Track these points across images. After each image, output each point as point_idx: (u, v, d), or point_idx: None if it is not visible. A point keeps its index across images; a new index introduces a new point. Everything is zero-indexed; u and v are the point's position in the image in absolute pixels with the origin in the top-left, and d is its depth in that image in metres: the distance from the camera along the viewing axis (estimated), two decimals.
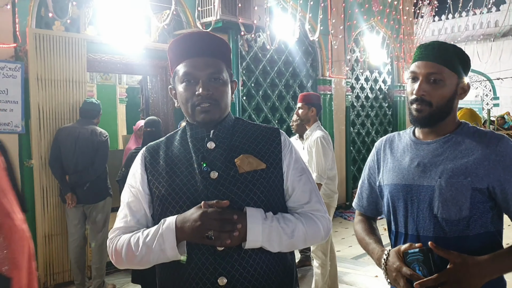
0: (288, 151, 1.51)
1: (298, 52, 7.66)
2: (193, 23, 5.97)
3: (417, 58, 1.58)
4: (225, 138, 1.49)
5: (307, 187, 1.50)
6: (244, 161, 1.44)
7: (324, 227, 1.48)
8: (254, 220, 1.35)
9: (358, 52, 8.97)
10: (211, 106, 1.42)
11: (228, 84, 1.48)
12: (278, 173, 1.47)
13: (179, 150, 1.50)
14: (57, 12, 4.77)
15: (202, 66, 1.42)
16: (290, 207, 1.50)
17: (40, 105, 4.54)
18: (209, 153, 1.45)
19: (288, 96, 7.57)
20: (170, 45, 1.49)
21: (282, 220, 1.40)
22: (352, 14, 8.41)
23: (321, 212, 1.50)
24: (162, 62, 5.89)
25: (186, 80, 1.43)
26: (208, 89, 1.41)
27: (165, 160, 1.49)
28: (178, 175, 1.45)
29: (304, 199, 1.49)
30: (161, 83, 6.04)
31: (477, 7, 14.92)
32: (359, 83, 9.14)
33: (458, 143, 1.56)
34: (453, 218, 1.50)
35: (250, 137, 1.51)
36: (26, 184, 4.57)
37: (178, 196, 1.42)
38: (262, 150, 1.48)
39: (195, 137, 1.49)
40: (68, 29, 4.93)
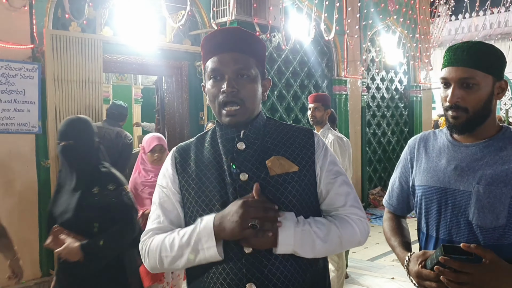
0: (322, 153, 1.44)
1: (313, 52, 7.61)
2: (208, 23, 5.96)
3: (447, 63, 1.50)
4: (256, 139, 1.42)
5: (342, 190, 1.42)
6: (276, 163, 1.38)
7: (361, 230, 1.40)
8: (286, 224, 1.29)
9: (374, 52, 8.89)
10: (237, 110, 1.36)
11: (257, 82, 1.41)
12: (311, 176, 1.41)
13: (209, 152, 1.45)
14: (74, 13, 4.80)
15: (229, 61, 1.36)
16: (324, 210, 1.44)
17: (57, 105, 4.58)
18: (239, 154, 1.40)
19: (303, 96, 7.53)
20: (202, 41, 1.44)
21: (314, 224, 1.34)
22: (368, 13, 8.33)
23: (357, 215, 1.41)
24: (177, 63, 5.90)
25: (213, 77, 1.38)
26: (233, 86, 1.34)
27: (195, 162, 1.45)
28: (208, 177, 1.40)
29: (339, 202, 1.41)
30: (176, 83, 6.05)
31: (494, 6, 14.69)
32: (375, 83, 9.05)
33: (500, 148, 1.49)
34: (488, 226, 1.44)
35: (282, 138, 1.45)
36: (43, 184, 4.60)
37: (208, 199, 1.38)
38: (295, 152, 1.42)
39: (225, 137, 1.43)
40: (85, 30, 4.97)
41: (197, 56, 5.94)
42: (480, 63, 1.45)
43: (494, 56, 1.49)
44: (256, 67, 1.40)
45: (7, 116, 4.34)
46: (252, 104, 1.40)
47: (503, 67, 1.52)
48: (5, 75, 4.32)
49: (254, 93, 1.40)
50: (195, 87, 6.05)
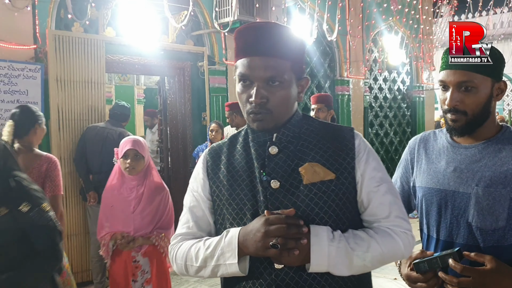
0: (363, 157, 1.29)
1: (316, 52, 7.61)
2: (210, 23, 5.97)
3: (444, 65, 1.48)
4: (290, 142, 1.30)
5: (386, 199, 1.27)
6: (310, 170, 1.25)
7: (405, 244, 1.26)
8: (319, 240, 1.17)
9: (377, 52, 8.88)
10: (263, 115, 1.25)
11: (290, 86, 1.27)
12: (350, 184, 1.27)
13: (241, 155, 1.35)
14: (76, 13, 4.81)
15: (260, 68, 1.23)
16: (365, 221, 1.30)
17: (60, 106, 4.59)
18: (271, 160, 1.29)
19: (306, 97, 7.51)
20: (235, 33, 1.31)
21: (352, 239, 1.21)
22: (370, 13, 8.33)
23: (402, 228, 1.27)
24: (180, 63, 5.90)
25: (242, 81, 1.27)
26: (262, 96, 1.23)
27: (227, 166, 1.35)
28: (239, 184, 1.31)
29: (382, 213, 1.27)
30: (178, 84, 6.05)
31: (497, 6, 14.66)
32: (377, 83, 9.04)
33: (499, 149, 1.47)
34: (488, 227, 1.43)
35: (318, 140, 1.31)
36: None
37: (238, 207, 1.29)
38: (332, 157, 1.28)
39: (257, 141, 1.33)
40: (87, 31, 4.98)
41: (199, 56, 5.95)
42: (479, 66, 1.44)
43: (493, 58, 1.46)
44: (291, 70, 1.27)
45: None
46: (283, 111, 1.29)
47: (502, 68, 1.50)
48: (8, 76, 4.33)
49: (286, 100, 1.28)
50: (197, 88, 6.05)
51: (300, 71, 1.31)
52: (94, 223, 4.52)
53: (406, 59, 9.46)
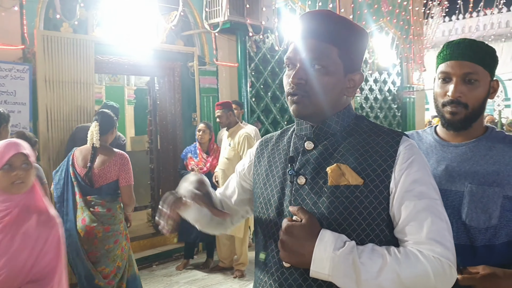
0: (405, 166, 1.15)
1: None
2: (200, 24, 5.95)
3: (448, 57, 1.47)
4: (327, 139, 1.24)
5: (421, 216, 1.11)
6: (336, 172, 1.17)
7: (435, 272, 1.06)
8: (324, 246, 1.08)
9: (367, 53, 8.91)
10: (299, 98, 1.20)
11: (334, 74, 1.20)
12: (381, 193, 1.14)
13: (283, 148, 1.33)
14: (65, 13, 4.78)
15: (302, 50, 1.20)
16: (398, 238, 1.16)
17: (48, 106, 4.55)
18: (304, 155, 1.24)
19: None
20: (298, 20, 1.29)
21: (367, 254, 1.07)
22: (361, 14, 8.35)
23: (435, 253, 1.08)
24: (170, 63, 5.89)
25: (287, 65, 1.25)
26: (300, 77, 1.19)
27: (268, 156, 1.35)
28: (274, 174, 1.30)
29: (414, 232, 1.11)
30: (168, 84, 6.03)
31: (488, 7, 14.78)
32: (368, 84, 9.07)
33: (489, 147, 1.47)
34: (481, 226, 1.43)
35: (358, 142, 1.21)
36: None
37: (267, 197, 1.29)
38: (366, 161, 1.17)
39: (299, 134, 1.29)
40: (76, 31, 4.94)
41: (189, 56, 5.93)
42: (482, 59, 1.45)
43: (492, 55, 1.49)
44: (339, 57, 1.20)
45: None
46: (323, 99, 1.20)
47: (496, 66, 1.51)
48: None
49: (327, 88, 1.20)
50: (187, 88, 6.03)
51: (352, 63, 1.23)
52: None
53: (396, 60, 9.51)
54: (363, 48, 1.27)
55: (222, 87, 6.26)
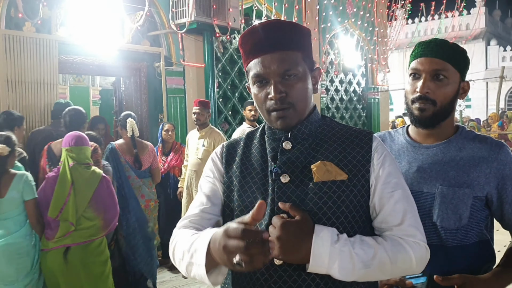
0: (380, 160, 1.25)
1: None
2: (167, 24, 5.94)
3: (419, 54, 1.50)
4: (305, 140, 1.28)
5: (399, 206, 1.22)
6: (322, 169, 1.22)
7: (417, 256, 1.18)
8: (322, 241, 1.12)
9: (333, 54, 9.06)
10: (286, 112, 1.23)
11: (306, 78, 1.25)
12: (363, 187, 1.23)
13: (257, 149, 1.33)
14: (28, 12, 4.69)
15: (273, 63, 1.21)
16: (376, 228, 1.24)
17: (10, 107, 4.45)
18: (284, 154, 1.26)
19: None
20: (240, 39, 1.30)
21: (358, 245, 1.14)
22: (326, 16, 8.49)
23: (415, 238, 1.20)
24: (136, 64, 5.84)
25: (257, 82, 1.25)
26: (280, 91, 1.20)
27: (241, 158, 1.34)
28: (253, 176, 1.29)
29: (395, 220, 1.21)
30: (134, 84, 5.98)
31: (449, 10, 15.26)
32: (333, 85, 9.22)
33: (459, 148, 1.49)
34: (452, 226, 1.45)
35: (334, 141, 1.28)
36: None
37: (248, 198, 1.27)
38: (347, 158, 1.24)
39: (273, 137, 1.30)
40: (39, 30, 4.85)
41: (156, 57, 5.91)
42: (452, 58, 1.47)
43: (463, 55, 1.51)
44: (303, 61, 1.25)
45: None
46: (303, 104, 1.25)
47: (467, 68, 1.53)
48: None
49: (305, 92, 1.25)
50: (154, 88, 6.01)
51: (311, 62, 1.29)
52: None
53: (361, 61, 9.70)
54: (311, 44, 1.33)
55: (189, 88, 6.26)
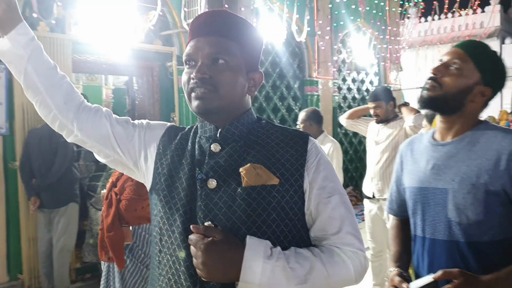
0: (314, 164, 1.17)
1: (285, 53, 7.68)
2: (179, 23, 5.96)
3: (454, 46, 1.59)
4: (235, 141, 1.20)
5: (336, 212, 1.15)
6: (251, 172, 1.13)
7: (355, 267, 1.13)
8: (253, 256, 1.04)
9: (345, 53, 9.02)
10: (206, 93, 1.15)
11: (238, 71, 1.18)
12: (296, 193, 1.15)
13: (188, 148, 1.25)
14: (42, 12, 4.73)
15: (204, 45, 1.16)
16: (313, 237, 1.17)
17: (25, 106, 4.49)
18: (212, 157, 1.19)
19: (275, 97, 7.59)
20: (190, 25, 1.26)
21: (293, 258, 1.07)
22: (339, 15, 8.45)
23: (353, 247, 1.14)
24: (148, 63, 5.87)
25: (187, 63, 1.19)
26: (204, 71, 1.14)
27: (172, 155, 1.25)
28: (180, 177, 1.21)
29: (332, 228, 1.14)
30: (147, 84, 6.01)
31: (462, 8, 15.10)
32: (346, 84, 9.18)
33: (473, 143, 1.50)
34: (465, 222, 1.45)
35: (268, 143, 1.20)
36: (11, 186, 4.52)
37: (173, 201, 1.20)
38: (279, 161, 1.16)
39: (203, 136, 1.24)
40: (53, 30, 4.89)
41: (168, 56, 5.93)
42: (477, 55, 1.51)
43: (490, 60, 1.53)
44: (240, 54, 1.19)
45: None
46: (228, 92, 1.17)
47: (493, 76, 1.53)
48: None
49: (232, 82, 1.17)
50: (166, 88, 6.03)
51: (252, 61, 1.23)
52: (39, 229, 4.42)
53: (374, 60, 9.64)
54: (260, 47, 1.27)
55: None
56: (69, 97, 1.26)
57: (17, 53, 1.19)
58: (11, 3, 1.17)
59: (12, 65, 1.22)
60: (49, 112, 1.25)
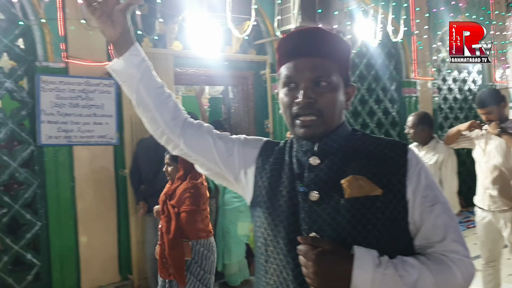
0: (416, 173, 1.17)
1: (380, 54, 7.45)
2: (272, 32, 6.03)
3: None
4: (334, 154, 1.21)
5: (440, 220, 1.15)
6: (354, 184, 1.14)
7: (463, 274, 1.12)
8: (363, 265, 1.06)
9: (445, 51, 8.54)
10: (312, 120, 1.18)
11: (338, 90, 1.21)
12: (399, 202, 1.14)
13: (286, 162, 1.27)
14: (146, 29, 5.04)
15: (306, 68, 1.18)
16: (417, 246, 1.17)
17: (132, 118, 4.81)
18: (312, 170, 1.20)
19: (371, 100, 7.39)
20: (278, 43, 1.28)
21: (401, 266, 1.08)
22: (437, 12, 8.04)
23: (459, 254, 1.13)
24: (243, 73, 6.01)
25: (286, 85, 1.21)
26: (309, 96, 1.16)
27: (272, 169, 1.29)
28: (281, 190, 1.23)
29: (436, 236, 1.14)
30: (242, 92, 6.16)
31: None
32: (446, 84, 8.69)
33: None
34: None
35: (367, 154, 1.20)
36: (121, 192, 4.86)
37: (276, 212, 1.22)
38: (380, 172, 1.16)
39: (300, 150, 1.25)
40: (156, 45, 5.20)
41: (261, 65, 6.02)
42: None
43: None
44: (338, 73, 1.21)
45: (87, 129, 4.64)
46: (331, 115, 1.20)
47: None
48: (85, 91, 4.63)
49: (334, 103, 1.20)
50: (260, 96, 6.13)
51: (347, 77, 1.25)
52: (147, 233, 4.64)
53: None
54: (351, 61, 1.30)
55: None
56: (175, 114, 1.35)
57: (130, 73, 1.31)
58: (126, 26, 1.29)
59: (126, 84, 1.34)
60: (158, 128, 1.35)
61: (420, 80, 7.89)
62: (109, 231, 4.81)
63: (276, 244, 1.21)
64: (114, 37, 1.29)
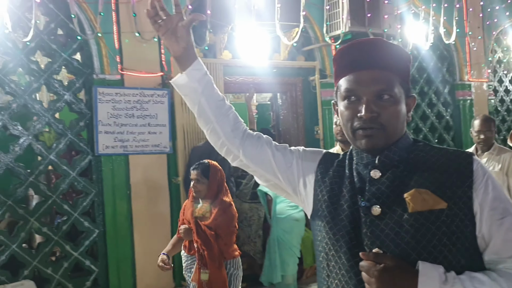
0: (482, 184, 1.11)
1: (432, 57, 7.24)
2: (321, 37, 5.99)
3: None
4: (395, 166, 1.17)
5: (511, 234, 1.09)
6: (417, 198, 1.11)
7: None
8: (428, 281, 1.03)
9: (501, 52, 8.20)
10: (374, 131, 1.15)
11: (401, 102, 1.18)
12: (466, 216, 1.10)
13: (346, 175, 1.25)
14: (196, 39, 5.14)
15: (368, 81, 1.15)
16: (487, 261, 1.12)
17: (185, 127, 4.92)
18: (373, 184, 1.17)
19: (424, 104, 7.19)
20: (335, 55, 1.26)
21: (469, 283, 1.04)
22: (492, 12, 7.74)
23: None
24: (292, 79, 6.02)
25: (347, 98, 1.18)
26: (372, 110, 1.14)
27: (331, 182, 1.27)
28: (342, 204, 1.21)
29: (508, 251, 1.09)
30: (291, 99, 6.16)
31: None
32: (503, 85, 8.33)
33: None
34: None
35: (430, 166, 1.16)
36: (174, 199, 4.96)
37: (337, 226, 1.20)
38: (444, 184, 1.11)
39: (361, 163, 1.23)
40: (206, 55, 5.30)
41: (310, 71, 5.99)
42: None
43: None
44: (400, 85, 1.18)
45: (142, 138, 4.78)
46: (394, 129, 1.17)
47: None
48: (140, 102, 4.77)
49: (397, 116, 1.17)
50: (309, 102, 6.10)
51: (408, 88, 1.22)
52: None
53: None
54: (410, 71, 1.28)
55: None
56: (235, 125, 1.39)
57: (192, 86, 1.37)
58: (190, 42, 1.34)
59: (188, 97, 1.40)
60: (218, 139, 1.39)
61: (474, 82, 7.61)
62: (164, 238, 4.91)
63: (338, 260, 1.19)
64: (178, 52, 1.34)
